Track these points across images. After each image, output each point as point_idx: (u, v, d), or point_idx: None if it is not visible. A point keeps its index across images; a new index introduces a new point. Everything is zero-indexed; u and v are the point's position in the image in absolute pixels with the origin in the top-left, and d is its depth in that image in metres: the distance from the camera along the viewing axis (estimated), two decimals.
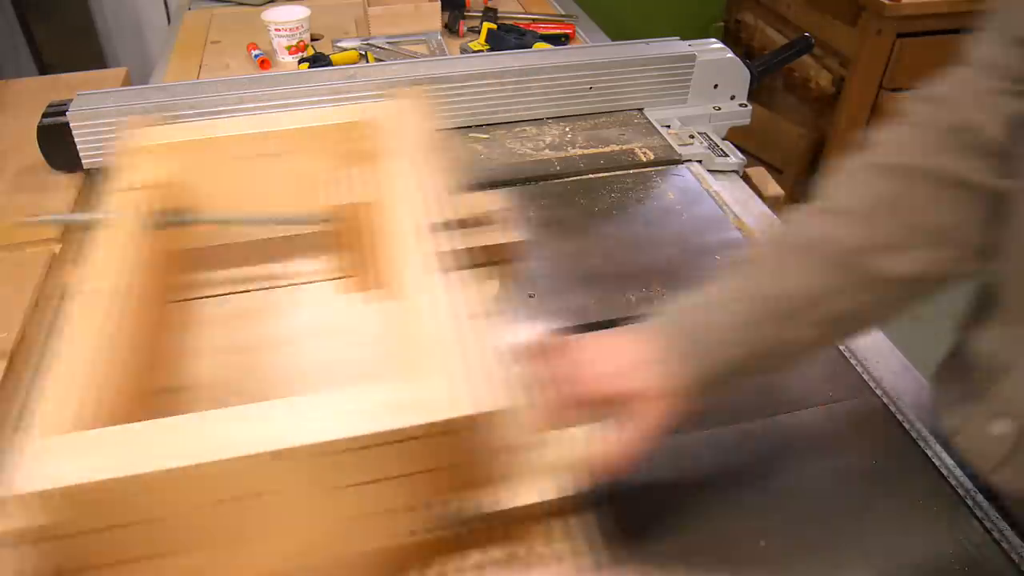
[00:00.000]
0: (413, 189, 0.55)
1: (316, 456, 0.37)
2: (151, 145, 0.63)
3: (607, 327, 0.53)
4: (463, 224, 0.56)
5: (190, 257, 0.70)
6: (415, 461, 0.39)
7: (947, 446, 0.60)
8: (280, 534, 0.41)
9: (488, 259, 0.56)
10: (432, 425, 0.37)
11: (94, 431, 0.37)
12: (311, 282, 0.68)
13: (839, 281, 0.50)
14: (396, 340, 0.45)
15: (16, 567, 0.37)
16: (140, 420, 0.38)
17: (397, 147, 0.60)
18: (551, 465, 0.44)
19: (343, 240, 0.63)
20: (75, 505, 0.35)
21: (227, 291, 0.68)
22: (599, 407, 0.48)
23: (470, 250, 0.55)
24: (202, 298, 0.67)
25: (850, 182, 0.53)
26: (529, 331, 0.54)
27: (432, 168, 0.58)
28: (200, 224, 0.66)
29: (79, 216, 0.61)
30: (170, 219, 0.63)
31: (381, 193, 0.57)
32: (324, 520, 0.41)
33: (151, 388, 0.56)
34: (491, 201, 0.61)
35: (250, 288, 0.68)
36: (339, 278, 0.67)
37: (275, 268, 0.70)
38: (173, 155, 0.63)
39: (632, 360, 0.49)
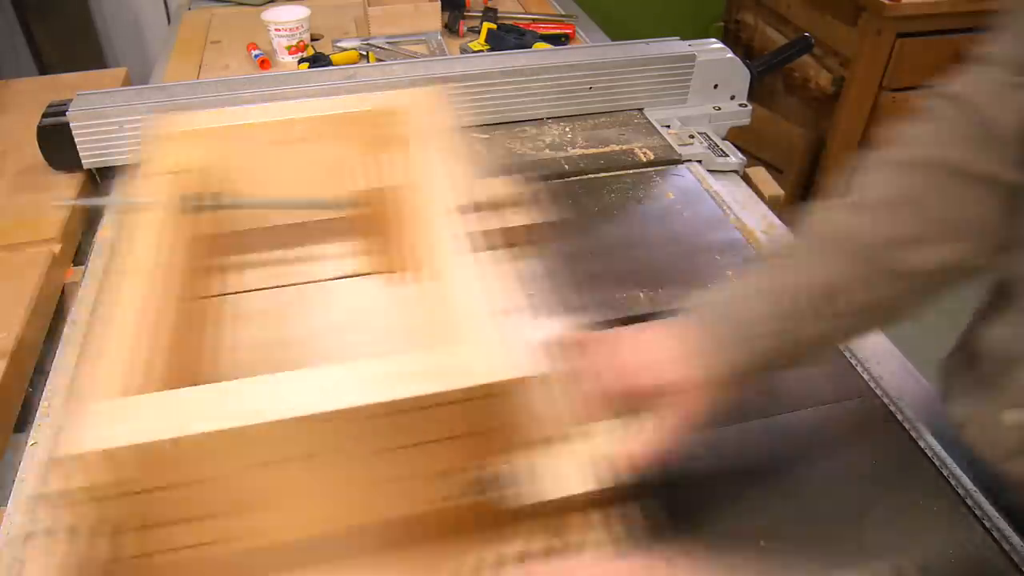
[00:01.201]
0: (440, 174, 0.56)
1: (346, 421, 0.38)
2: (180, 131, 0.64)
3: (608, 327, 0.54)
4: (487, 207, 0.57)
5: (222, 241, 0.70)
6: (445, 426, 0.40)
7: (948, 441, 0.60)
8: (320, 498, 0.42)
9: (512, 241, 0.57)
10: (458, 391, 0.38)
11: (144, 395, 0.39)
12: (342, 277, 0.69)
13: (864, 274, 0.51)
14: (429, 317, 0.48)
15: (74, 524, 0.38)
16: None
17: (422, 134, 0.61)
18: (590, 456, 0.45)
19: (371, 224, 0.64)
20: (126, 465, 0.36)
21: (258, 279, 0.69)
22: (635, 400, 0.49)
23: (497, 231, 0.56)
24: (233, 294, 0.68)
25: (874, 177, 0.54)
26: (562, 325, 0.55)
27: (455, 154, 0.59)
28: (231, 209, 0.67)
29: (109, 200, 0.61)
30: (202, 204, 0.64)
31: (408, 178, 0.58)
32: (362, 484, 0.42)
33: (188, 376, 0.57)
34: (510, 186, 0.63)
35: (281, 283, 0.69)
36: (368, 271, 0.68)
37: (304, 252, 0.71)
38: (202, 141, 0.64)
39: (667, 353, 0.50)
